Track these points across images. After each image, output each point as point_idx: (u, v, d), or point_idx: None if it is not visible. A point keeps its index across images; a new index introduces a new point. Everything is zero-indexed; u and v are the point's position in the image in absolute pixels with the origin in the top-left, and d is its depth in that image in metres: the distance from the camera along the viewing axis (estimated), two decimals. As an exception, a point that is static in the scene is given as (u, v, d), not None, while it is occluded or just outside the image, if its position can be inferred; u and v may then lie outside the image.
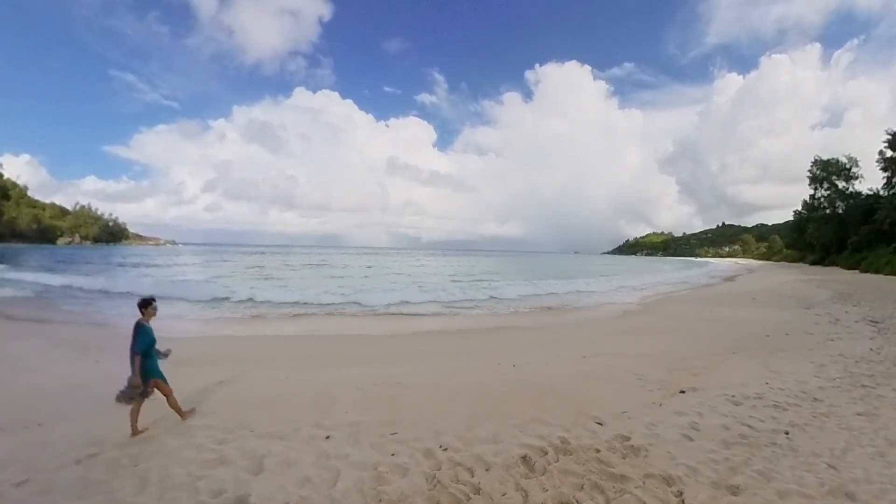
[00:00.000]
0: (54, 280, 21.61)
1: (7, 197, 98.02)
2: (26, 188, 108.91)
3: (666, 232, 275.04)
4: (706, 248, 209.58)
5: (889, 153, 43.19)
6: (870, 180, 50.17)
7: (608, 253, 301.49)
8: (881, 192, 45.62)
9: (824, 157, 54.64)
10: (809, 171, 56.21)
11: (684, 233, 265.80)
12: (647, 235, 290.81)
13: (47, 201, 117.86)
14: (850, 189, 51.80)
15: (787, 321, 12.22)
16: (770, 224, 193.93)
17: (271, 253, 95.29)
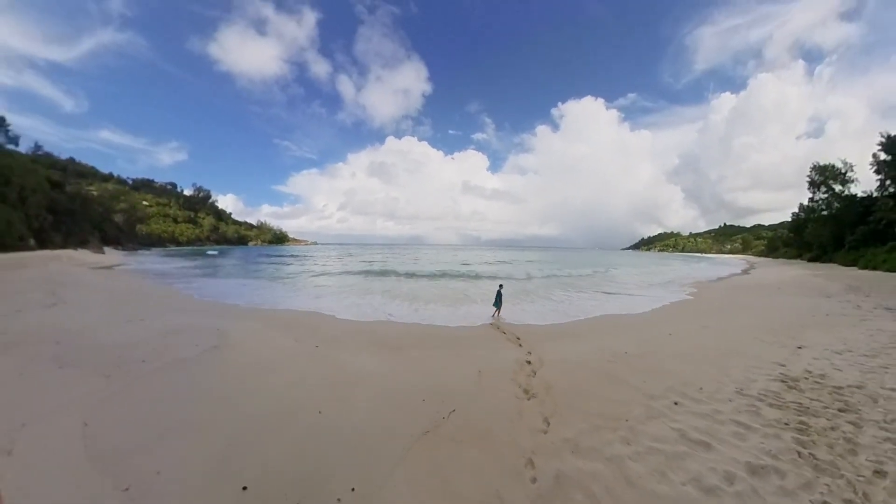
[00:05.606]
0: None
1: (222, 219, 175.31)
2: (230, 213, 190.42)
3: (675, 231, 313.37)
4: (710, 245, 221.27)
5: (882, 156, 45.68)
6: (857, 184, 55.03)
7: (626, 249, 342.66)
8: (875, 195, 48.61)
9: (821, 164, 58.24)
10: (808, 175, 59.63)
11: (690, 232, 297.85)
12: (659, 234, 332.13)
13: (242, 220, 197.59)
14: (846, 192, 55.12)
15: (819, 306, 13.72)
16: (766, 224, 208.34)
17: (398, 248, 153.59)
